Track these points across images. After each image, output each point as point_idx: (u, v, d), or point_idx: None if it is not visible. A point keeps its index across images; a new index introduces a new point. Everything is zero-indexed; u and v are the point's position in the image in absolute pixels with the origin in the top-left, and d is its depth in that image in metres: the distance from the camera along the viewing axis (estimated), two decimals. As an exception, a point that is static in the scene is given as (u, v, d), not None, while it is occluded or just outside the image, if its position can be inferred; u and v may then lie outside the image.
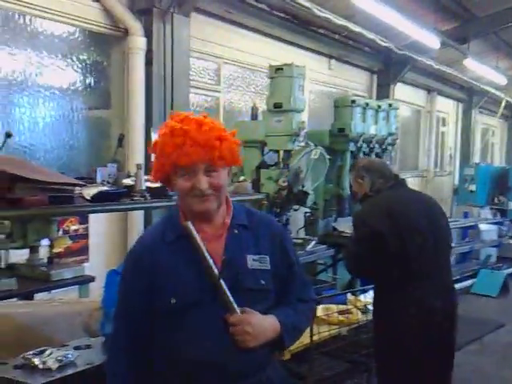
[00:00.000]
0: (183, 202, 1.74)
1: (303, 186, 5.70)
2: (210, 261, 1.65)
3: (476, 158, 14.57)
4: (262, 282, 1.74)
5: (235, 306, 1.65)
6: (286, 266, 1.84)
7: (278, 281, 1.79)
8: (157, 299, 1.67)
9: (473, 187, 11.15)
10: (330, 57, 8.93)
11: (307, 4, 6.90)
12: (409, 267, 2.93)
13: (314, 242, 5.77)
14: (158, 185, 3.52)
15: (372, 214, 3.06)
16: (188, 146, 1.63)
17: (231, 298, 1.65)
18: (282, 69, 5.84)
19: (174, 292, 1.66)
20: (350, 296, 4.51)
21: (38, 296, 3.82)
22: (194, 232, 1.67)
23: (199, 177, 1.66)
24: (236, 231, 1.76)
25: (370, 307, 3.75)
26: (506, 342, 6.19)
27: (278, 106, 5.80)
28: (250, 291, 1.70)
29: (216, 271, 1.64)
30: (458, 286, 7.94)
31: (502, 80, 12.01)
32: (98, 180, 3.45)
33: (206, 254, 1.65)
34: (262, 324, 1.69)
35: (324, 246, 5.96)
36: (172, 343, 1.68)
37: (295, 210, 6.29)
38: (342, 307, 4.16)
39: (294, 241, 5.94)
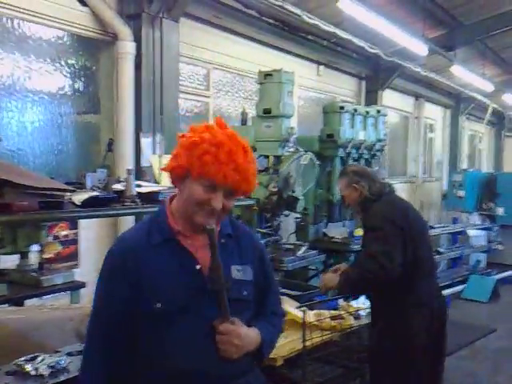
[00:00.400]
0: (185, 208, 1.70)
1: (293, 192, 5.70)
2: (221, 267, 1.64)
3: (464, 164, 14.68)
4: (245, 293, 1.75)
5: (229, 315, 1.64)
6: (265, 279, 1.86)
7: (257, 292, 1.80)
8: (140, 303, 1.63)
9: (461, 193, 11.21)
10: (319, 63, 8.97)
11: (296, 10, 6.92)
12: (421, 266, 3.10)
13: (304, 248, 5.76)
14: (148, 190, 3.50)
15: (393, 212, 3.14)
16: (230, 168, 1.63)
17: (228, 308, 1.64)
18: (271, 74, 5.85)
19: (160, 296, 1.62)
20: (341, 302, 4.49)
21: (29, 302, 3.77)
22: (216, 236, 1.66)
23: (219, 196, 1.66)
24: (223, 241, 1.75)
25: (362, 313, 3.76)
26: (497, 347, 6.21)
27: (267, 111, 5.79)
28: (234, 301, 1.68)
29: (223, 279, 1.63)
30: (448, 291, 7.98)
31: (488, 87, 12.13)
32: (88, 185, 3.41)
33: (220, 261, 1.64)
34: (248, 336, 1.70)
35: (315, 251, 5.95)
36: (154, 349, 1.64)
37: (286, 216, 6.28)
38: (334, 313, 4.14)
39: (285, 246, 5.93)
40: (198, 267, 1.68)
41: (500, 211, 10.77)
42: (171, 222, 1.72)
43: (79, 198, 2.93)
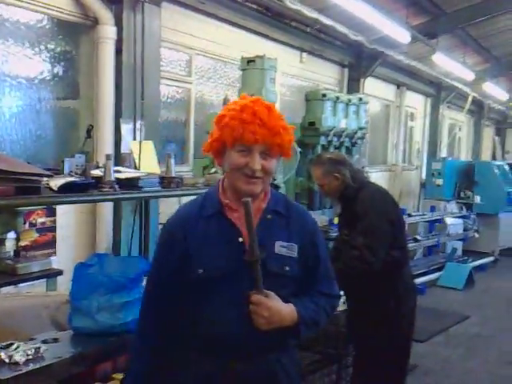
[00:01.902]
0: (230, 177, 1.81)
1: (274, 179, 5.71)
2: (256, 239, 1.72)
3: (443, 153, 14.80)
4: (287, 268, 1.81)
5: (262, 287, 1.73)
6: (313, 259, 1.91)
7: (303, 271, 1.87)
8: (186, 269, 1.78)
9: (440, 181, 11.32)
10: (302, 50, 8.93)
11: (279, -4, 6.89)
12: (405, 253, 3.27)
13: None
14: (127, 176, 3.48)
15: (384, 203, 3.17)
16: (256, 124, 1.72)
17: (261, 279, 1.73)
18: (253, 61, 5.84)
19: (203, 263, 1.76)
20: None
21: (4, 290, 3.76)
22: (251, 209, 1.72)
23: (255, 157, 1.75)
24: (269, 216, 1.84)
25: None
26: (471, 333, 6.34)
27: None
28: (274, 275, 1.78)
29: (258, 251, 1.72)
30: (424, 278, 8.11)
31: (469, 75, 12.21)
32: (66, 171, 3.38)
33: (255, 233, 1.72)
34: (280, 311, 1.76)
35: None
36: (195, 313, 1.79)
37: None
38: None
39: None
40: (240, 240, 1.78)
41: (477, 199, 10.91)
42: (221, 195, 1.84)
43: (56, 183, 2.90)
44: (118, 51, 5.48)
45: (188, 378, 1.80)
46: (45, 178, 2.88)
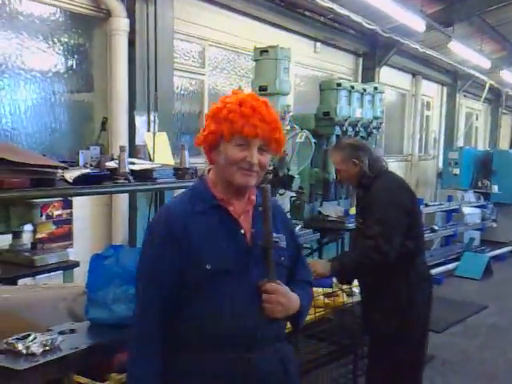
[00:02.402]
0: (224, 171, 1.78)
1: (289, 170, 5.68)
2: (271, 227, 1.75)
3: (460, 142, 14.64)
4: (283, 258, 1.85)
5: (275, 275, 1.74)
6: (295, 248, 1.97)
7: (291, 260, 1.92)
8: (190, 266, 1.72)
9: (457, 171, 11.21)
10: (316, 40, 8.87)
11: (293, -14, 6.84)
12: (420, 243, 3.22)
13: (299, 226, 5.77)
14: (142, 167, 3.48)
15: (400, 192, 3.14)
16: (256, 119, 1.72)
17: (274, 267, 1.75)
18: (267, 51, 5.79)
19: (210, 258, 1.72)
20: (335, 279, 4.52)
21: (22, 282, 3.79)
22: (269, 197, 1.76)
23: (253, 150, 1.75)
24: (260, 208, 1.84)
25: (356, 290, 3.78)
26: (488, 323, 6.29)
27: (263, 88, 5.75)
28: (275, 265, 1.78)
29: (273, 238, 1.74)
30: (442, 268, 8.05)
31: (485, 63, 12.04)
32: (81, 163, 3.40)
33: (270, 221, 1.75)
34: (291, 299, 1.79)
35: (310, 229, 5.96)
36: (204, 309, 1.73)
37: (281, 195, 6.28)
38: (327, 290, 4.17)
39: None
40: (242, 231, 1.79)
41: (495, 189, 10.79)
42: (214, 190, 1.82)
43: (71, 175, 2.91)
44: (131, 43, 5.48)
45: (205, 379, 1.73)
46: (60, 170, 2.90)
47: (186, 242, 1.73)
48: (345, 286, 4.20)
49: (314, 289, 4.03)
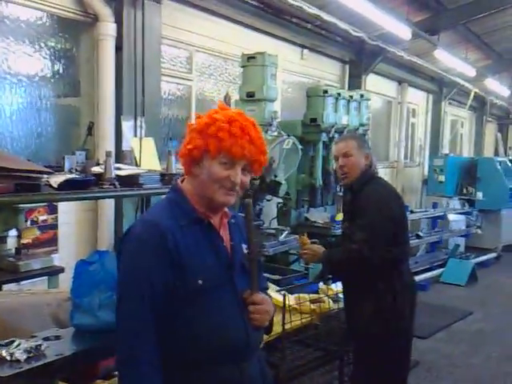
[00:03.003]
0: (204, 187, 1.77)
1: (276, 176, 5.70)
2: (255, 240, 1.78)
3: (445, 149, 14.75)
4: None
5: (258, 285, 1.78)
6: None
7: None
8: (182, 281, 1.68)
9: (442, 178, 11.29)
10: (303, 46, 8.91)
11: (280, -8, 6.87)
12: (406, 249, 3.25)
13: (286, 232, 5.78)
14: (128, 173, 3.47)
15: (389, 199, 3.11)
16: (245, 140, 1.73)
17: (257, 278, 1.79)
18: (254, 57, 5.83)
19: (201, 273, 1.71)
20: (321, 285, 4.54)
21: (6, 287, 3.75)
22: (251, 212, 1.80)
23: (237, 171, 1.76)
24: (233, 221, 1.90)
25: (342, 296, 3.78)
26: (473, 329, 6.33)
27: (250, 94, 5.78)
28: (248, 276, 1.82)
29: (258, 250, 1.80)
30: (427, 275, 8.10)
31: (470, 72, 12.17)
32: (66, 168, 3.38)
33: (253, 231, 1.79)
34: (273, 306, 1.87)
35: (296, 235, 5.97)
36: (195, 326, 1.71)
37: (268, 201, 6.30)
38: (313, 296, 4.19)
39: (267, 231, 5.95)
40: (224, 245, 1.82)
41: (479, 196, 10.88)
42: (194, 204, 1.80)
43: (56, 180, 2.89)
44: (119, 48, 5.46)
45: None
46: (45, 175, 2.88)
47: (177, 256, 1.69)
48: (331, 292, 4.23)
49: (301, 295, 4.09)
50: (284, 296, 3.63)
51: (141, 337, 1.66)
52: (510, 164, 11.70)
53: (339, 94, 6.96)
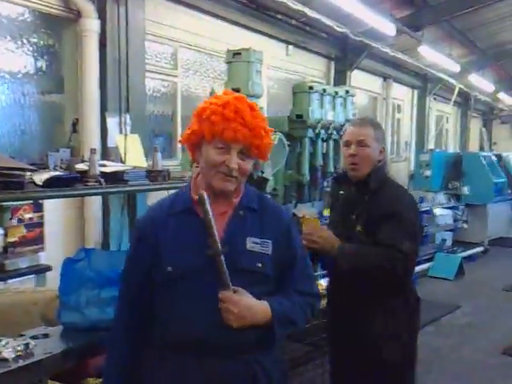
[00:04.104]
0: (204, 174, 1.77)
1: (262, 172, 5.68)
2: (216, 234, 1.68)
3: (431, 145, 14.85)
4: (259, 265, 1.75)
5: (229, 283, 1.68)
6: (289, 256, 1.85)
7: (278, 268, 1.81)
8: (156, 267, 1.75)
9: (428, 173, 11.34)
10: (288, 43, 8.90)
11: (265, -12, 6.85)
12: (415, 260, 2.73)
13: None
14: (113, 169, 3.43)
15: (413, 206, 2.69)
16: (237, 123, 1.69)
17: (227, 275, 1.67)
18: (239, 53, 5.80)
19: (171, 261, 1.72)
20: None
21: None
22: (207, 203, 1.68)
23: (232, 155, 1.71)
24: (241, 212, 1.80)
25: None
26: (462, 323, 6.36)
27: (236, 90, 5.71)
28: (246, 272, 1.73)
29: (219, 245, 1.67)
30: (415, 269, 8.12)
31: (455, 67, 12.25)
32: (50, 165, 3.33)
33: (214, 227, 1.68)
34: (251, 307, 1.69)
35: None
36: (166, 313, 1.74)
37: (255, 197, 6.27)
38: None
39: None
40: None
41: (465, 190, 10.96)
42: (192, 192, 1.80)
43: (40, 177, 2.85)
44: (102, 44, 5.42)
45: (164, 376, 1.75)
46: (28, 173, 2.83)
47: (155, 243, 1.75)
48: (320, 287, 4.17)
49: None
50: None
51: (120, 316, 1.87)
52: (494, 159, 11.79)
53: (324, 90, 6.96)
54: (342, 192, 2.85)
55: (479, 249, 10.23)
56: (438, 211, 9.73)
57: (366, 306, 2.57)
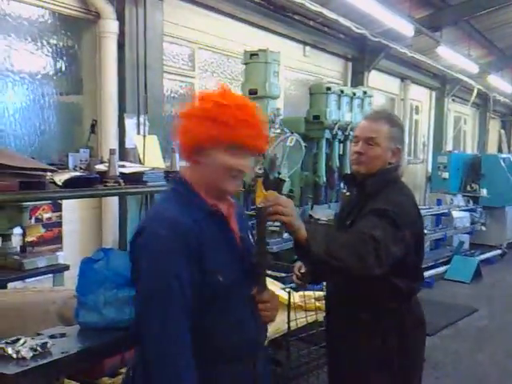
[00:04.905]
0: (213, 176, 1.68)
1: (279, 173, 5.68)
2: (265, 245, 1.76)
3: (449, 146, 14.72)
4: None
5: (266, 284, 1.76)
6: None
7: None
8: (205, 279, 1.63)
9: (446, 175, 11.25)
10: (305, 43, 8.89)
11: (283, -11, 6.85)
12: (419, 274, 2.52)
13: (290, 230, 5.75)
14: (132, 170, 3.46)
15: (411, 213, 2.31)
16: (257, 130, 1.65)
17: (264, 278, 1.76)
18: (256, 54, 5.80)
19: (220, 270, 1.65)
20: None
21: (11, 285, 3.74)
22: (264, 216, 1.73)
23: (249, 161, 1.69)
24: (239, 210, 1.87)
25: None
26: (479, 326, 6.30)
27: (253, 92, 5.75)
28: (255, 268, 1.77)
29: (267, 254, 1.78)
30: (432, 272, 8.07)
31: (473, 68, 12.12)
32: (70, 166, 3.36)
33: (265, 237, 1.76)
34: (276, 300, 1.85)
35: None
36: (213, 324, 1.67)
37: (271, 197, 6.26)
38: (318, 293, 4.15)
39: (271, 228, 5.92)
40: (235, 237, 1.75)
41: (484, 192, 10.84)
42: (203, 196, 1.71)
43: (60, 178, 2.88)
44: (121, 45, 5.45)
45: None
46: (49, 173, 2.87)
47: (198, 253, 1.62)
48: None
49: (306, 292, 4.05)
50: (289, 293, 3.60)
51: (179, 342, 1.59)
52: (513, 161, 11.64)
53: (342, 91, 6.93)
54: (347, 194, 2.67)
55: (497, 252, 10.11)
56: (455, 213, 9.64)
57: (354, 326, 2.32)
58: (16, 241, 4.06)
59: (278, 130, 5.77)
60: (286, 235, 5.62)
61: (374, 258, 2.02)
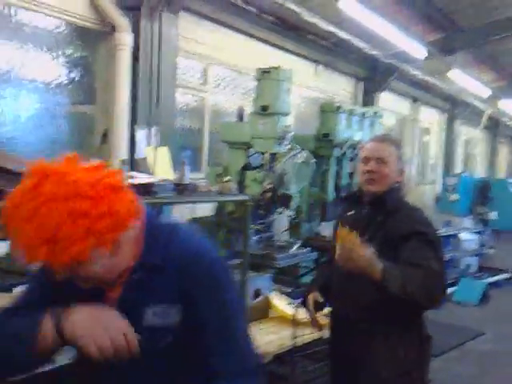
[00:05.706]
0: None
1: (287, 189, 5.69)
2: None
3: (458, 168, 14.71)
4: (161, 345, 1.35)
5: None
6: (200, 320, 1.37)
7: (197, 338, 1.37)
8: None
9: (455, 197, 11.22)
10: (317, 62, 8.95)
11: (296, 9, 6.91)
12: None
13: (297, 245, 5.74)
14: (142, 181, 3.47)
15: (433, 226, 2.43)
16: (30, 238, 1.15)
17: None
18: (268, 71, 5.83)
19: None
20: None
21: (18, 290, 3.74)
22: None
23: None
24: (135, 276, 1.34)
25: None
26: (485, 349, 6.22)
27: (264, 108, 5.78)
28: (147, 356, 1.32)
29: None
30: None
31: (484, 92, 12.14)
32: (81, 175, 3.37)
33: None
34: None
35: (307, 249, 5.93)
36: None
37: (279, 213, 6.27)
38: (325, 310, 4.13)
39: (278, 243, 5.91)
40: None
41: (492, 215, 10.79)
42: None
43: (71, 187, 2.89)
44: (135, 58, 5.51)
45: None
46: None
47: None
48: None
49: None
50: (295, 309, 3.58)
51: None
52: (523, 185, 11.62)
53: (352, 111, 6.96)
54: (350, 213, 2.57)
55: (505, 275, 10.01)
56: (463, 236, 9.59)
57: (370, 341, 2.34)
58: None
59: (288, 146, 5.79)
60: (292, 250, 5.61)
61: (442, 290, 2.26)
